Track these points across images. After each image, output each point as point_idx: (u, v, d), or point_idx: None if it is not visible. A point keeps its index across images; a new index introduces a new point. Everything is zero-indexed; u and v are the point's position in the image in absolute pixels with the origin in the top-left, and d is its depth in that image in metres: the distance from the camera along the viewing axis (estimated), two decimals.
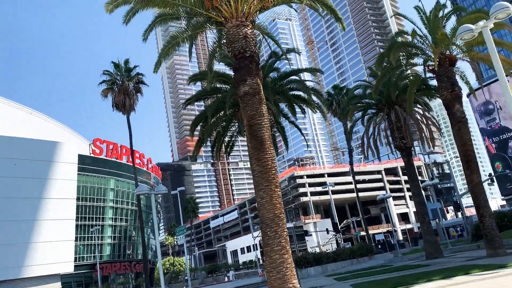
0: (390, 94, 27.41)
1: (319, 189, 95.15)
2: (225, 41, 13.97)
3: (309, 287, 20.91)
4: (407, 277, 17.40)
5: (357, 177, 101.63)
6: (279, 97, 21.09)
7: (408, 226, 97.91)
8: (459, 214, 74.48)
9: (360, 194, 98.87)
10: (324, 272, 34.77)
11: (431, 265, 21.76)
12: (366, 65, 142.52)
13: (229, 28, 13.42)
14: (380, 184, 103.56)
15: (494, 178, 69.56)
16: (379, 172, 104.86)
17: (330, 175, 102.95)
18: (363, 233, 75.63)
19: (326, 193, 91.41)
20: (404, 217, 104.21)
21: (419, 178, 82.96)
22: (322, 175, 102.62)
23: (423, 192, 36.88)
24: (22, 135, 59.67)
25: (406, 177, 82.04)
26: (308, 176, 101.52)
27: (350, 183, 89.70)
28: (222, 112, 20.09)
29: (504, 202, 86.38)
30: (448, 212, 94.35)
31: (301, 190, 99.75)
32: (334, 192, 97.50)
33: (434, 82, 25.13)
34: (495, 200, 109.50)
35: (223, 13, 13.55)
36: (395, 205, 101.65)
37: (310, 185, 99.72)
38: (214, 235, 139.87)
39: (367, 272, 24.91)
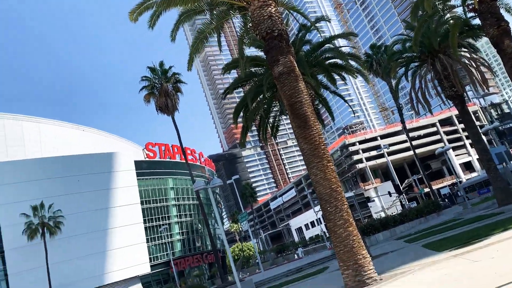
0: (431, 43, 26.05)
1: (373, 153, 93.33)
2: (251, 25, 13.77)
3: (380, 254, 20.62)
4: (480, 229, 16.69)
5: (411, 134, 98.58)
6: (316, 69, 20.58)
7: (474, 174, 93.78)
8: None
9: (417, 150, 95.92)
10: (393, 236, 34.19)
11: (505, 212, 20.75)
12: (401, 17, 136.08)
13: (253, 11, 13.19)
14: (437, 137, 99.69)
15: None
16: (433, 125, 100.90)
17: (383, 137, 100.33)
18: (427, 189, 73.48)
19: (381, 156, 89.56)
20: (468, 166, 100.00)
21: (477, 123, 79.09)
22: (374, 139, 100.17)
23: (484, 137, 35.07)
24: (79, 151, 62.91)
25: (463, 125, 78.42)
26: (360, 142, 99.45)
27: (405, 141, 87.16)
28: (261, 95, 19.97)
29: None
30: None
31: (355, 157, 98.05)
32: (390, 153, 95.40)
33: (477, 21, 23.57)
34: None
35: None
36: (456, 155, 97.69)
37: (364, 150, 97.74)
38: (276, 216, 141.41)
39: (437, 230, 24.19)
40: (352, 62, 21.29)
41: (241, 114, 21.29)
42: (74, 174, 58.25)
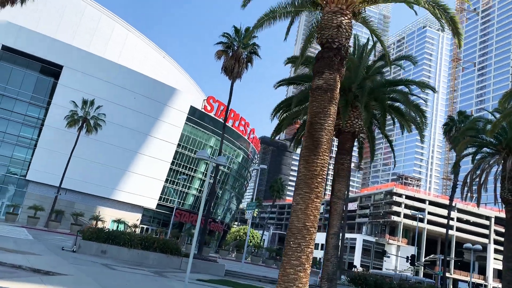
0: None
1: (414, 213, 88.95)
2: (317, 26, 12.66)
3: None
4: None
5: (461, 216, 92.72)
6: (375, 103, 18.97)
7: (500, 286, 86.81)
8: None
9: (458, 233, 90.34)
10: None
11: None
12: None
13: (325, 13, 12.07)
14: (485, 231, 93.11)
15: None
16: (488, 218, 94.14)
17: (432, 203, 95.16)
18: (451, 276, 68.86)
19: (421, 220, 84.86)
20: (501, 275, 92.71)
21: None
22: (422, 201, 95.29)
23: None
24: (150, 74, 64.77)
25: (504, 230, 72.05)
26: (408, 197, 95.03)
27: (451, 218, 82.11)
28: (308, 102, 18.77)
29: None
30: None
31: (395, 208, 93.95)
32: (430, 222, 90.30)
33: None
34: None
35: None
36: (495, 258, 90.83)
37: (407, 206, 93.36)
38: None
39: None
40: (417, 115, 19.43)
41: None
42: (134, 91, 60.10)
